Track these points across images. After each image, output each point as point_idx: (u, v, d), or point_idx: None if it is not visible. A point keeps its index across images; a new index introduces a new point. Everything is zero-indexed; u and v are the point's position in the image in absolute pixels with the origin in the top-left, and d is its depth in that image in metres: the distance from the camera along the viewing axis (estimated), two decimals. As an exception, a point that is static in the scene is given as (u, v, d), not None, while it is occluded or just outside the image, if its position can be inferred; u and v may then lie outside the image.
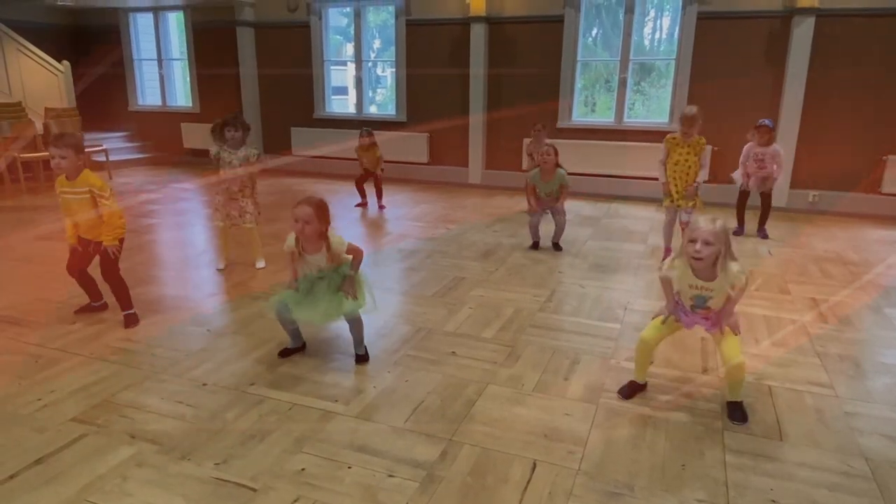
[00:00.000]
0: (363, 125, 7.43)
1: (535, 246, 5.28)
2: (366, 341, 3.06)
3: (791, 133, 6.93)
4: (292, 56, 9.23)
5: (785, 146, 6.84)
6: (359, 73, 9.14)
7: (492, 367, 3.00)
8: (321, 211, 2.78)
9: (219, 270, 4.52)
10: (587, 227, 6.09)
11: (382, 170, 7.00)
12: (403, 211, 6.85)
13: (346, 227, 5.72)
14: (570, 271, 4.62)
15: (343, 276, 2.95)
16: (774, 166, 5.62)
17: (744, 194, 5.88)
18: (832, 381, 2.89)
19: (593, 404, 2.66)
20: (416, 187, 8.33)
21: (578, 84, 8.15)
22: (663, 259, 4.74)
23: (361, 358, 3.06)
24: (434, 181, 8.73)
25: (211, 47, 9.66)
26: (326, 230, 2.84)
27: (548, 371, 2.96)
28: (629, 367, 3.00)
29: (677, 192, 4.63)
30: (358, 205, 7.11)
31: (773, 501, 2.04)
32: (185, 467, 2.17)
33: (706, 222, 2.37)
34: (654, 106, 8.87)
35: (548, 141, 6.07)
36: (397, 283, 4.34)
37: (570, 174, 5.21)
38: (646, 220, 6.47)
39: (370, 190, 7.06)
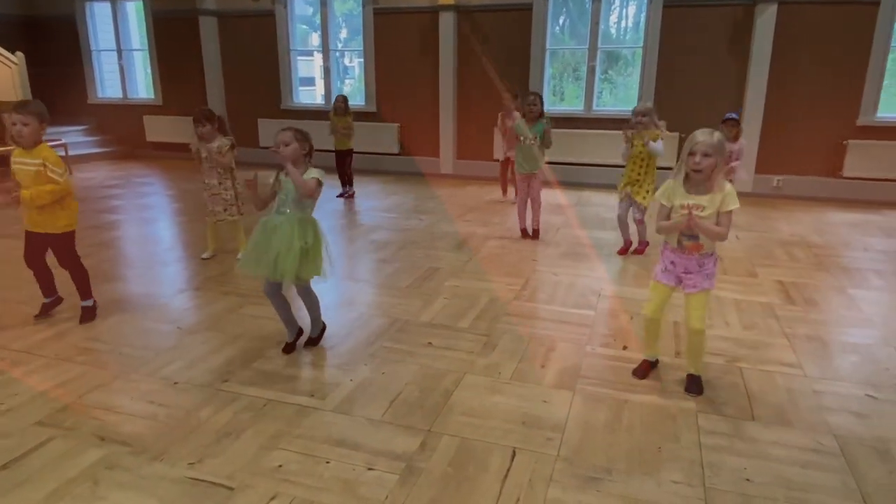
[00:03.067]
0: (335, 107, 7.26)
1: (525, 234, 5.30)
2: (341, 334, 3.02)
3: (755, 119, 7.06)
4: (258, 46, 9.04)
5: (750, 132, 6.99)
6: (326, 62, 9.01)
7: (468, 356, 2.99)
8: (301, 133, 2.83)
9: (203, 259, 4.54)
10: (559, 215, 6.12)
11: (352, 150, 6.95)
12: (375, 202, 6.79)
13: (319, 219, 5.60)
14: (543, 259, 4.64)
15: (301, 226, 2.84)
16: (737, 161, 5.70)
17: None
18: (801, 362, 2.96)
19: (570, 391, 2.67)
20: (386, 178, 8.26)
21: (548, 73, 8.16)
22: (618, 252, 4.84)
23: (313, 341, 3.08)
24: (405, 172, 8.67)
25: (173, 37, 9.41)
26: (307, 155, 2.86)
27: (524, 359, 2.97)
28: (605, 353, 3.04)
29: (629, 180, 4.68)
30: (340, 195, 7.01)
31: (748, 480, 2.08)
32: (157, 468, 2.12)
33: (704, 135, 2.39)
34: (622, 94, 8.94)
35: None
36: (371, 275, 4.31)
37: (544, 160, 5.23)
38: (616, 207, 6.52)
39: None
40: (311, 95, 10.62)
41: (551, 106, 8.29)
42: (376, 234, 5.37)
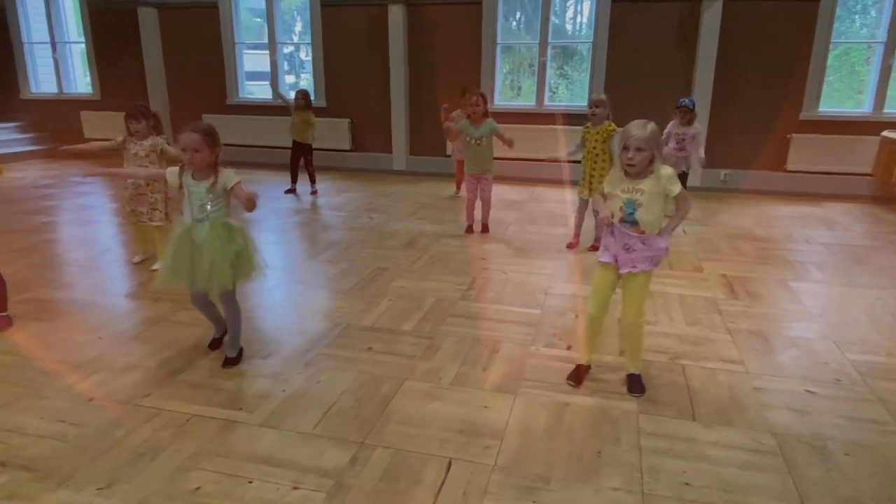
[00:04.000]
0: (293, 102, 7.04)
1: (470, 230, 5.23)
2: (278, 341, 2.87)
3: (703, 114, 7.12)
4: (201, 39, 8.71)
5: (698, 127, 7.05)
6: (273, 56, 8.74)
7: (409, 361, 2.89)
8: (209, 136, 2.56)
9: (134, 264, 4.33)
10: (511, 212, 6.07)
11: (313, 138, 6.77)
12: (324, 200, 6.61)
13: (265, 218, 5.44)
14: (493, 257, 4.57)
15: (227, 230, 2.64)
16: (694, 147, 5.69)
17: None
18: (742, 357, 2.96)
19: (512, 394, 2.59)
20: (338, 175, 8.08)
21: (501, 68, 8.10)
22: (567, 246, 4.82)
23: (231, 361, 2.81)
24: (357, 168, 8.50)
25: (111, 29, 8.99)
26: (217, 158, 2.61)
27: (467, 362, 2.88)
28: (548, 354, 2.98)
29: (590, 180, 4.62)
30: (288, 191, 6.84)
31: (686, 484, 2.04)
32: (62, 495, 1.95)
33: (637, 128, 2.33)
34: (578, 90, 8.94)
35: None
36: (314, 276, 4.15)
37: (493, 159, 5.16)
38: (568, 203, 6.51)
39: (302, 176, 6.88)
40: (267, 90, 10.28)
41: (507, 101, 8.25)
42: (324, 234, 5.21)
